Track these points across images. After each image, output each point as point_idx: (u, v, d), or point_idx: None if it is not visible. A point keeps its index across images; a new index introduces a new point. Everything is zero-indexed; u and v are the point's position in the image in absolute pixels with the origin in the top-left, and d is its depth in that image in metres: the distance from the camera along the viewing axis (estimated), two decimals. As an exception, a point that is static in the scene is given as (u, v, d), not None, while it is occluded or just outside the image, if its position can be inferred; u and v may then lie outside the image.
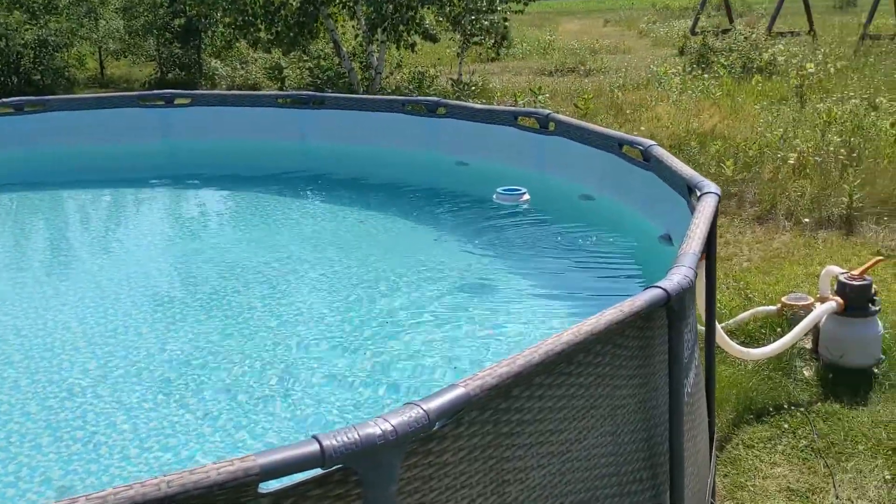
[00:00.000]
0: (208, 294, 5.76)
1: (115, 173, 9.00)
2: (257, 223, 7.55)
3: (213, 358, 4.74)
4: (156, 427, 4.07)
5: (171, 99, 8.97)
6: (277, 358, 4.71)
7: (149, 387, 4.44)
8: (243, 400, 4.28)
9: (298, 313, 5.39)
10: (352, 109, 8.39)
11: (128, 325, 5.25)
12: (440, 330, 4.96)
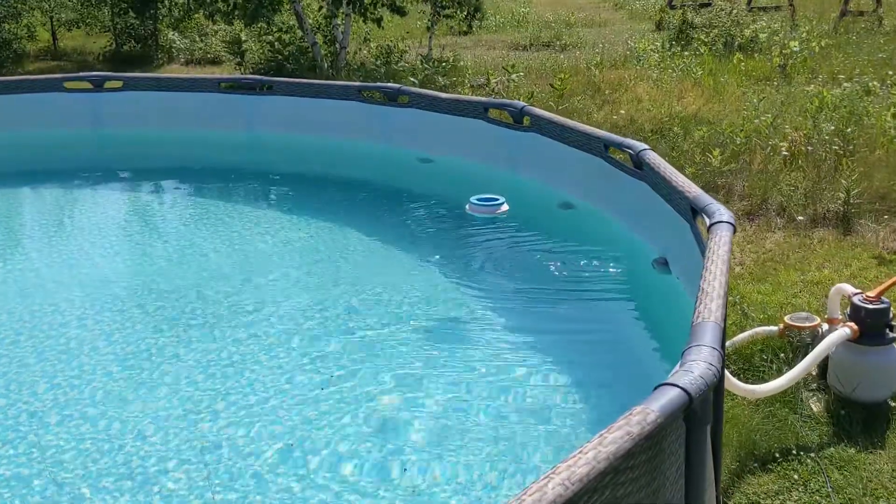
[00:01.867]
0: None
1: (40, 164, 8.28)
2: (189, 226, 6.90)
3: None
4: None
5: (101, 82, 8.20)
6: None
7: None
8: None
9: (218, 340, 4.80)
10: (303, 96, 7.69)
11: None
12: (393, 379, 4.33)
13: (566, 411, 4.08)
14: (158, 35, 16.92)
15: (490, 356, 4.58)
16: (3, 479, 3.71)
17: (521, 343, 4.75)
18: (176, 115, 8.00)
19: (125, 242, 6.71)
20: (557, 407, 4.11)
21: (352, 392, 4.30)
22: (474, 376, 4.34)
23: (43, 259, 6.33)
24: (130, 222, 7.18)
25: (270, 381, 4.42)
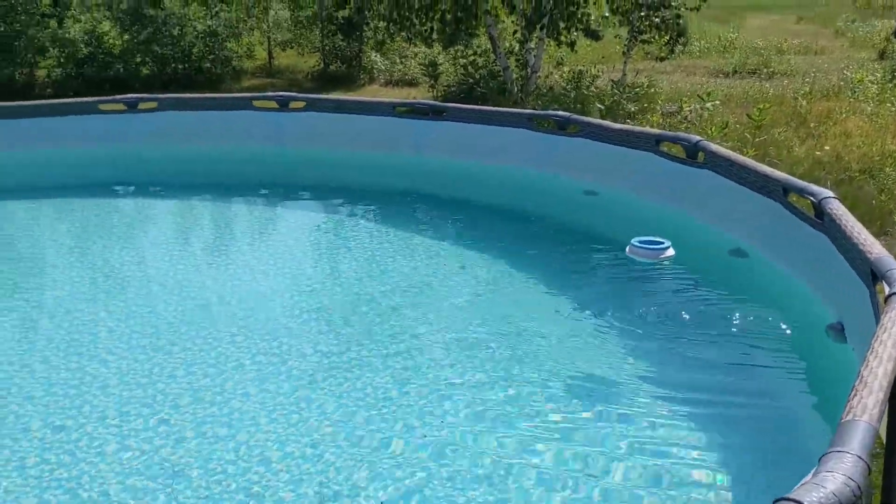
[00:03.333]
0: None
1: (227, 178, 8.76)
2: (351, 248, 7.00)
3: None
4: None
5: (286, 103, 8.57)
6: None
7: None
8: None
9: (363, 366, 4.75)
10: (473, 122, 7.59)
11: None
12: (530, 440, 4.07)
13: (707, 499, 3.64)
14: (362, 56, 17.65)
15: (634, 418, 4.22)
16: (129, 487, 3.85)
17: (672, 407, 4.33)
18: (353, 137, 8.21)
19: (291, 259, 6.93)
20: (699, 488, 3.69)
21: (475, 432, 4.10)
22: (614, 438, 4.01)
23: (210, 267, 6.66)
24: (299, 240, 7.43)
25: (417, 415, 4.32)
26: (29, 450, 4.15)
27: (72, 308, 5.84)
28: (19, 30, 15.94)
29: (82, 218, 8.32)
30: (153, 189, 9.04)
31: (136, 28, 16.47)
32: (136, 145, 8.87)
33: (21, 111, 9.25)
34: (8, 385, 4.76)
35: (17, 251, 7.36)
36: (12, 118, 9.13)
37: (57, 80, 16.42)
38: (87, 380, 4.80)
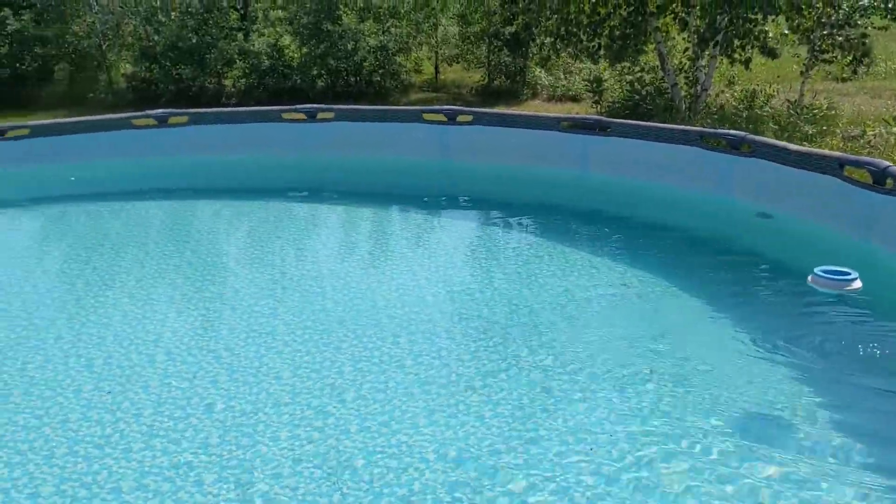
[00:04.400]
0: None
1: (394, 188, 9.05)
2: (510, 259, 7.06)
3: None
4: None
5: (454, 115, 8.77)
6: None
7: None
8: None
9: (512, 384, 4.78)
10: (641, 139, 7.48)
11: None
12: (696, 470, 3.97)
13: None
14: (526, 72, 17.77)
15: (803, 462, 4.03)
16: (298, 473, 4.07)
17: (853, 456, 4.11)
18: (517, 150, 8.29)
19: (452, 268, 7.10)
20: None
21: (636, 461, 4.06)
22: (781, 485, 3.85)
23: (376, 271, 6.92)
24: (460, 249, 7.59)
25: (572, 431, 4.34)
26: (211, 429, 4.47)
27: (252, 302, 6.24)
28: (211, 42, 17.18)
29: (262, 219, 8.87)
30: (326, 195, 9.51)
31: (313, 42, 17.36)
32: (314, 153, 9.39)
33: (217, 118, 10.02)
34: (195, 368, 5.15)
35: (203, 248, 7.94)
36: (207, 124, 9.92)
37: (241, 90, 17.56)
38: (264, 369, 5.12)
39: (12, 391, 4.92)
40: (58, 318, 6.03)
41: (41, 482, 4.05)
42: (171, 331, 5.73)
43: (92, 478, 4.08)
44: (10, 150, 9.67)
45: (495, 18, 17.85)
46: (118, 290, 6.57)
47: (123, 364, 5.23)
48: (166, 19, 17.31)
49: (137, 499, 3.93)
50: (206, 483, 4.04)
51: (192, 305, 6.22)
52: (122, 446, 4.34)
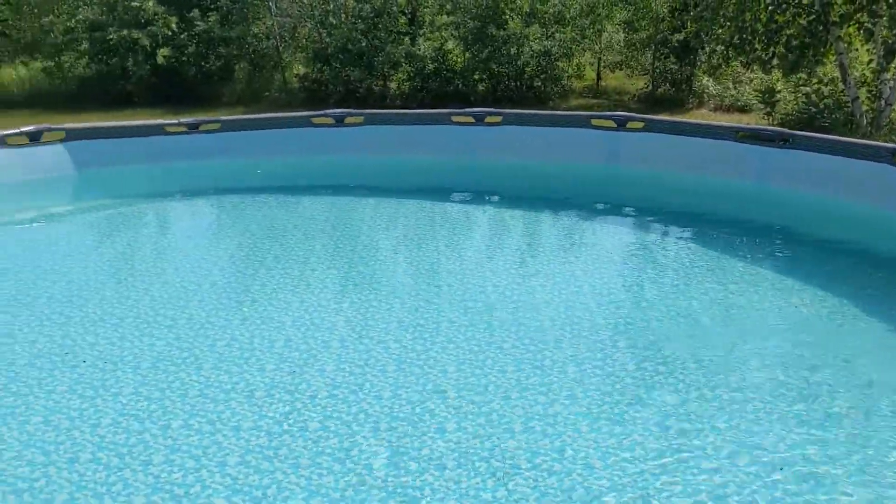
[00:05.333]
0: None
1: (558, 193, 9.05)
2: (663, 269, 6.90)
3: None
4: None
5: (624, 122, 8.66)
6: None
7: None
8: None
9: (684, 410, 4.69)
10: (827, 153, 7.13)
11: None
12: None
13: None
14: (693, 80, 17.31)
15: None
16: (461, 464, 4.19)
17: None
18: (689, 159, 8.11)
19: (611, 275, 7.05)
20: None
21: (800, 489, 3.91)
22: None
23: (535, 275, 6.98)
24: (621, 258, 7.52)
25: (728, 456, 4.25)
26: (380, 415, 4.68)
27: (419, 298, 6.45)
28: (379, 46, 17.80)
29: (429, 219, 9.13)
30: (488, 198, 9.68)
31: (477, 47, 17.63)
32: (481, 156, 9.59)
33: (390, 119, 10.46)
34: (366, 357, 5.39)
35: (373, 243, 8.27)
36: (380, 124, 10.38)
37: (405, 92, 18.09)
38: (430, 362, 5.29)
39: (203, 364, 5.32)
40: (244, 301, 6.46)
41: (228, 452, 4.36)
42: (344, 319, 6.01)
43: (273, 452, 4.36)
44: (203, 142, 10.44)
45: (663, 25, 17.49)
46: (296, 278, 6.97)
47: (301, 347, 5.54)
48: (338, 22, 18.07)
49: (312, 474, 4.16)
50: (375, 467, 4.22)
51: (362, 296, 6.50)
52: (299, 424, 4.60)
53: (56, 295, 6.58)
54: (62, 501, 3.94)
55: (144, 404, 4.83)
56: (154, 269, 7.39)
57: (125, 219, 9.44)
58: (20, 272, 7.19)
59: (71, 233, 9.06)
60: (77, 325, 5.94)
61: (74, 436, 4.50)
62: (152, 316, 6.11)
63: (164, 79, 18.99)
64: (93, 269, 7.48)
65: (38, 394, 4.95)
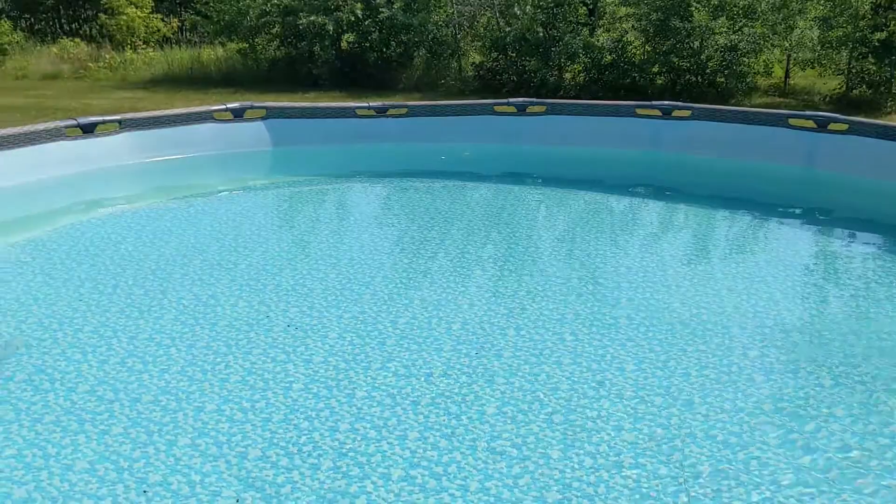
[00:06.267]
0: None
1: (749, 194, 8.67)
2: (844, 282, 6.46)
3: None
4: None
5: (825, 123, 8.13)
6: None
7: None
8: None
9: None
10: None
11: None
12: None
13: None
14: (893, 83, 16.07)
15: None
16: (640, 465, 4.12)
17: None
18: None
19: (800, 285, 6.71)
20: None
21: None
22: None
23: (717, 277, 6.74)
24: (817, 266, 7.14)
25: None
26: (556, 405, 4.68)
27: (595, 293, 6.39)
28: (557, 36, 17.68)
29: (600, 211, 9.04)
30: (672, 194, 9.47)
31: (657, 39, 17.15)
32: (665, 150, 9.40)
33: (573, 109, 10.46)
34: (542, 347, 5.41)
35: (541, 235, 8.28)
36: (563, 115, 10.40)
37: (580, 84, 17.89)
38: (608, 358, 5.23)
39: (385, 340, 5.52)
40: (424, 282, 6.64)
41: (408, 427, 4.50)
42: (520, 307, 6.06)
43: (451, 431, 4.45)
44: (389, 126, 10.81)
45: (863, 23, 16.32)
46: (475, 264, 7.10)
47: (478, 332, 5.64)
48: (521, 12, 18.10)
49: (488, 457, 4.22)
50: (553, 458, 4.23)
51: (539, 286, 6.52)
52: (476, 408, 4.68)
53: (254, 263, 7.02)
54: (255, 458, 4.21)
55: (332, 373, 5.07)
56: (340, 244, 7.73)
57: (314, 195, 9.95)
58: (223, 240, 7.74)
59: (266, 205, 9.66)
60: (271, 293, 6.32)
61: (268, 396, 4.79)
62: (339, 290, 6.40)
63: (346, 63, 19.75)
64: (285, 240, 7.94)
65: (237, 355, 5.31)
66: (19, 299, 6.11)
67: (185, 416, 4.54)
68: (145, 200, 9.50)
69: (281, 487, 3.96)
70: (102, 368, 5.05)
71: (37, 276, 6.62)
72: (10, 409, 4.55)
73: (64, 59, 21.64)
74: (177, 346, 5.39)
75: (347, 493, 3.92)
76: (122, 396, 4.73)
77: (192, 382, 4.91)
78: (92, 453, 4.18)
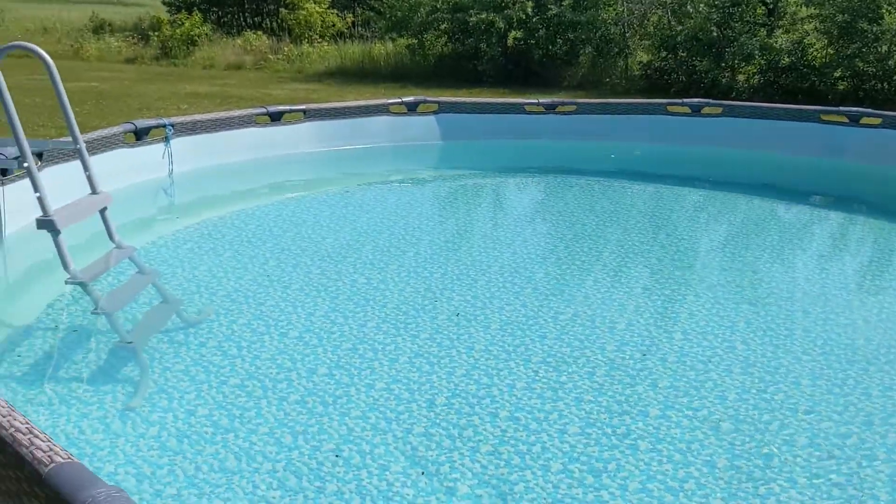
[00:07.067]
0: None
1: None
2: None
3: None
4: None
5: None
6: None
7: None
8: None
9: None
10: None
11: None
12: None
13: None
14: None
15: None
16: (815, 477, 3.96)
17: None
18: None
19: None
20: None
21: None
22: None
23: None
24: None
25: None
26: (724, 414, 4.56)
27: (771, 303, 6.16)
28: (732, 36, 17.05)
29: (772, 219, 8.69)
30: (852, 205, 9.00)
31: (842, 42, 16.20)
32: (853, 160, 9.00)
33: (752, 111, 10.15)
34: (710, 353, 5.28)
35: (709, 240, 8.05)
36: (739, 117, 10.12)
37: (753, 86, 17.17)
38: (782, 370, 5.05)
39: (546, 334, 5.56)
40: (586, 279, 6.64)
41: (568, 421, 4.53)
42: (687, 313, 5.94)
43: (611, 429, 4.44)
44: (556, 123, 10.86)
45: None
46: (639, 264, 7.02)
47: (643, 333, 5.58)
48: (694, 11, 17.59)
49: (652, 459, 4.17)
50: (719, 466, 4.13)
51: (709, 293, 6.36)
52: (639, 409, 4.64)
53: (421, 251, 7.26)
54: (419, 434, 4.36)
55: (493, 362, 5.17)
56: (504, 237, 7.85)
57: (480, 188, 10.16)
58: (393, 227, 8.05)
59: (433, 197, 9.96)
60: (437, 280, 6.51)
61: (433, 379, 4.95)
62: (501, 282, 6.50)
63: (511, 60, 19.90)
64: (451, 231, 8.15)
65: (405, 337, 5.51)
66: (211, 271, 6.61)
67: (357, 391, 4.77)
68: (323, 187, 10.01)
69: (441, 466, 4.09)
70: (283, 340, 5.39)
71: (226, 251, 7.13)
72: (202, 371, 4.94)
73: (246, 51, 23.05)
74: (349, 324, 5.66)
75: (507, 480, 4.00)
76: (300, 367, 5.02)
77: (364, 360, 5.15)
78: (272, 418, 4.47)
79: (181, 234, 7.69)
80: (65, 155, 6.85)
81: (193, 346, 5.25)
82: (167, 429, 4.30)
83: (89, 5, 35.47)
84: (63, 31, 27.19)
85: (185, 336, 5.42)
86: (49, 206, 5.06)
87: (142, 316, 5.67)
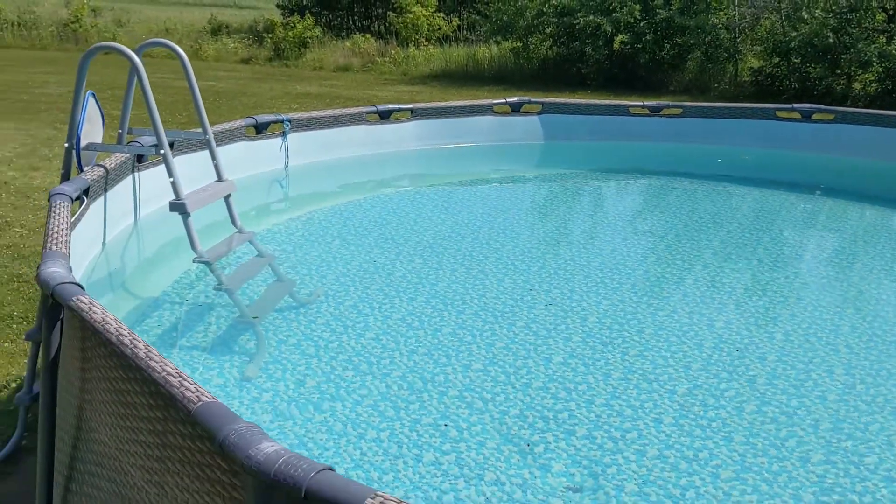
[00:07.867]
0: None
1: None
2: None
3: None
4: None
5: None
6: None
7: None
8: None
9: None
10: None
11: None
12: None
13: None
14: None
15: None
16: None
17: None
18: None
19: None
20: None
21: None
22: None
23: None
24: None
25: None
26: (823, 414, 4.54)
27: (866, 302, 6.06)
28: (849, 43, 16.50)
29: (872, 226, 8.46)
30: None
31: (971, 49, 15.46)
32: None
33: (867, 118, 9.93)
34: (811, 355, 5.24)
35: (817, 245, 7.90)
36: (853, 123, 9.91)
37: (870, 95, 16.58)
38: (883, 373, 4.97)
39: (644, 329, 5.63)
40: (685, 278, 6.66)
41: (663, 412, 4.61)
42: (789, 313, 5.90)
43: (706, 422, 4.49)
44: (661, 126, 10.84)
45: None
46: (741, 267, 6.98)
47: (742, 332, 5.59)
48: (809, 17, 17.12)
49: (747, 452, 4.21)
50: (812, 461, 4.14)
51: (813, 296, 6.30)
52: (734, 405, 4.67)
53: (520, 245, 7.43)
54: (515, 415, 4.52)
55: (589, 353, 5.29)
56: (604, 235, 7.93)
57: (580, 188, 10.26)
58: (493, 222, 8.26)
59: (533, 194, 10.14)
60: (535, 274, 6.66)
61: (529, 364, 5.11)
62: (599, 277, 6.59)
63: (616, 64, 19.82)
64: (550, 227, 8.29)
65: (502, 324, 5.69)
66: (321, 256, 6.97)
67: (455, 371, 4.98)
68: (427, 182, 10.31)
69: (535, 446, 4.24)
70: (386, 322, 5.65)
71: (335, 238, 7.48)
72: (312, 345, 5.25)
73: (354, 53, 23.73)
74: (449, 310, 5.88)
75: (600, 462, 4.12)
76: (402, 347, 5.27)
77: (462, 343, 5.35)
78: (376, 391, 4.73)
79: (295, 222, 8.11)
80: (185, 146, 7.32)
81: (304, 324, 5.58)
82: (279, 395, 4.61)
83: (207, 8, 37.21)
84: (183, 32, 28.63)
85: (296, 314, 5.76)
86: (182, 191, 5.48)
87: (258, 296, 6.05)
